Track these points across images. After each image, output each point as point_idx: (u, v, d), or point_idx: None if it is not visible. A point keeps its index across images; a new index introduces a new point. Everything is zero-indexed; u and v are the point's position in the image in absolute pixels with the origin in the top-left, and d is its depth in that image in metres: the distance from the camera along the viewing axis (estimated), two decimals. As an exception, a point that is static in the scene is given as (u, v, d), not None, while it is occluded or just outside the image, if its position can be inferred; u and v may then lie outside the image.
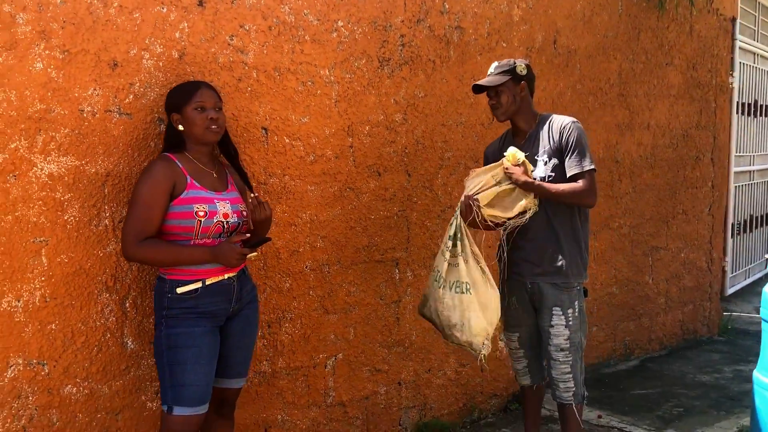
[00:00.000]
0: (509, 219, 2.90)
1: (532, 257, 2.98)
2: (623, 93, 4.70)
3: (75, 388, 2.60)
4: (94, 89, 2.58)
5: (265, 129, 3.04)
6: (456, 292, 2.85)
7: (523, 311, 3.05)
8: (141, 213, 2.43)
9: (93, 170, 2.59)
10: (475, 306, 2.83)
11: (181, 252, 2.46)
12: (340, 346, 3.38)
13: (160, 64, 2.72)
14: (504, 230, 2.94)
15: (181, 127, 2.54)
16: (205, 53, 2.84)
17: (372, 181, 3.42)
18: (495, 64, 3.03)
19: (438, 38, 3.61)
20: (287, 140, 3.11)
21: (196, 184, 2.51)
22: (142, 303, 2.72)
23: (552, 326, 2.93)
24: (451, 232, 2.95)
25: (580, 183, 2.85)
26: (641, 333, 5.10)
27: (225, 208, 2.52)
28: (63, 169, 2.53)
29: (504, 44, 3.92)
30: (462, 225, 2.93)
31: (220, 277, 2.52)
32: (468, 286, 2.85)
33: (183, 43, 2.78)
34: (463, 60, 3.73)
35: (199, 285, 2.48)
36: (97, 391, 2.66)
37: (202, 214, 2.45)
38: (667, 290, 5.27)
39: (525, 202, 2.86)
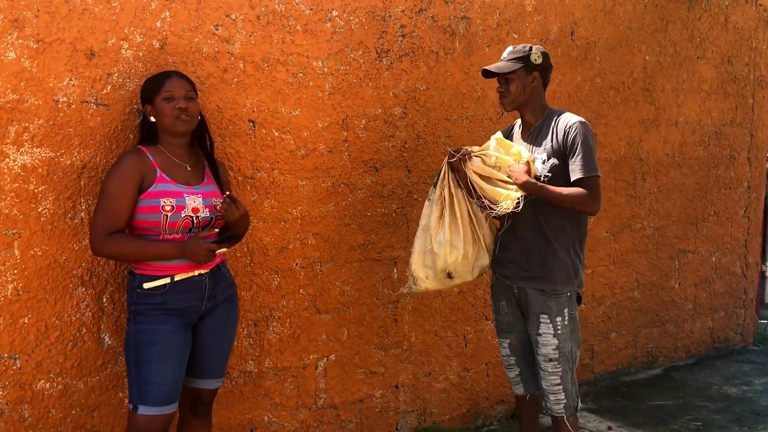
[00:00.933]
0: (488, 203, 2.74)
1: (518, 259, 2.81)
2: (648, 88, 4.46)
3: (48, 384, 2.56)
4: (70, 79, 2.53)
5: (252, 122, 2.95)
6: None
7: (512, 316, 2.89)
8: (108, 206, 2.37)
9: (68, 162, 2.54)
10: (416, 245, 2.91)
11: (148, 247, 2.39)
12: (333, 346, 3.28)
13: (140, 54, 2.65)
14: (482, 210, 2.82)
15: (153, 119, 2.47)
16: (187, 43, 2.76)
17: (368, 176, 3.30)
18: (509, 48, 2.86)
19: (442, 29, 3.47)
20: (276, 133, 3.02)
21: (166, 177, 2.43)
22: (119, 298, 2.67)
23: (540, 334, 2.76)
24: (435, 179, 2.92)
25: (582, 190, 2.67)
26: (666, 340, 4.85)
27: (195, 203, 2.44)
28: (37, 161, 2.49)
29: (515, 35, 3.74)
30: (443, 170, 2.87)
31: (190, 274, 2.44)
32: (422, 225, 2.91)
33: (164, 33, 2.71)
34: (469, 52, 3.57)
35: (167, 281, 2.41)
36: (71, 386, 2.61)
37: (168, 208, 2.38)
38: (695, 296, 5.00)
39: (504, 195, 2.68)
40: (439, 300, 3.62)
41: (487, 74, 2.85)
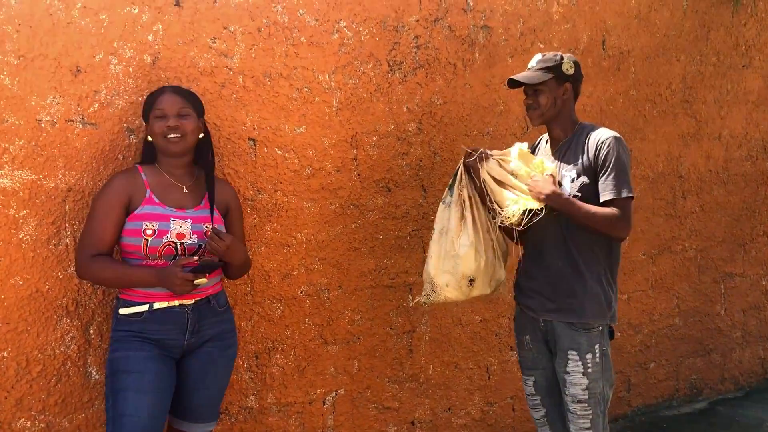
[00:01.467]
0: (496, 208, 2.49)
1: (545, 290, 2.55)
2: (688, 99, 4.15)
3: (29, 422, 2.40)
4: (54, 97, 2.38)
5: (252, 140, 2.77)
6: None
7: (537, 352, 2.62)
8: (93, 227, 2.24)
9: (52, 185, 2.39)
10: (432, 249, 2.63)
11: (127, 272, 2.23)
12: (342, 380, 3.05)
13: (130, 69, 2.50)
14: (492, 217, 2.54)
15: (150, 138, 2.32)
16: (182, 57, 2.60)
17: (380, 197, 3.08)
18: (538, 56, 2.60)
19: (460, 39, 3.24)
20: (279, 152, 2.83)
21: (155, 199, 2.26)
22: (108, 330, 2.49)
23: (568, 373, 2.48)
24: (450, 181, 2.66)
25: (614, 210, 2.41)
26: (711, 371, 4.49)
27: (181, 228, 2.25)
28: (18, 184, 2.34)
29: (541, 45, 3.49)
30: (459, 171, 2.61)
31: (170, 303, 2.25)
32: (439, 228, 2.64)
33: (157, 47, 2.55)
34: (490, 63, 3.34)
35: (144, 308, 2.24)
36: (55, 425, 2.44)
37: (150, 232, 2.21)
38: (744, 323, 4.63)
39: (512, 200, 2.43)
40: (459, 329, 3.37)
41: (514, 84, 2.60)
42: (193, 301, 2.29)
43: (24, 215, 2.35)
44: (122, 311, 2.24)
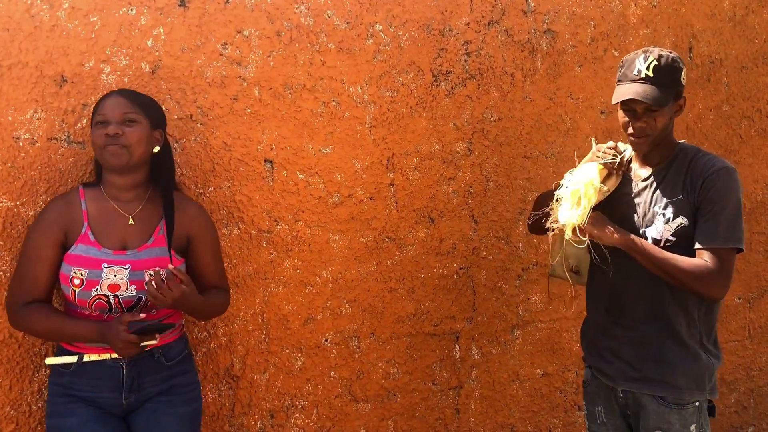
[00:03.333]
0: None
1: (627, 353, 2.03)
2: (793, 116, 3.55)
3: (-2, 491, 2.05)
4: (35, 111, 2.06)
5: (269, 162, 2.38)
6: None
7: (613, 428, 2.10)
8: (24, 270, 1.89)
9: (31, 213, 2.06)
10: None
11: (64, 324, 1.87)
12: (374, 444, 2.60)
13: (125, 80, 2.15)
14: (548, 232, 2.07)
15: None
16: (186, 66, 2.24)
17: (421, 229, 2.63)
18: (648, 59, 1.95)
19: (519, 45, 2.78)
20: (301, 176, 2.42)
21: (90, 237, 1.88)
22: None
23: (653, 459, 1.96)
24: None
25: (706, 262, 1.88)
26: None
27: (116, 277, 1.86)
28: (-10, 212, 2.02)
29: (615, 53, 2.99)
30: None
31: (102, 356, 1.88)
32: None
33: (157, 53, 2.20)
34: (555, 73, 2.86)
35: (73, 360, 1.88)
36: (29, 494, 2.08)
37: (77, 282, 1.84)
38: None
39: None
40: (516, 385, 2.86)
41: (628, 105, 1.99)
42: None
43: (-3, 248, 2.02)
44: (48, 361, 1.90)
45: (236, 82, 2.31)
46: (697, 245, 1.91)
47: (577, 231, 1.96)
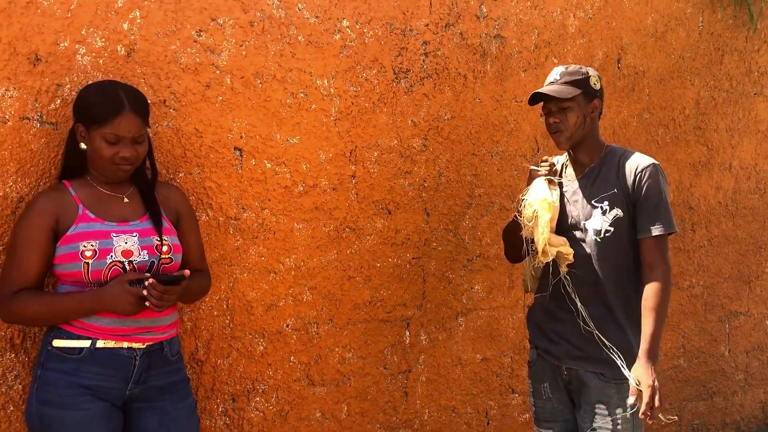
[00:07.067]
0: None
1: (571, 335, 2.25)
2: (701, 126, 3.91)
3: (-43, 478, 1.99)
4: (7, 89, 2.00)
5: (239, 150, 2.41)
6: None
7: (558, 402, 2.32)
8: (13, 260, 1.85)
9: (1, 194, 2.00)
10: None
11: (57, 301, 1.85)
12: (329, 426, 2.68)
13: (100, 62, 2.13)
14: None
15: (83, 146, 1.93)
16: (162, 50, 2.23)
17: (379, 220, 2.74)
18: (560, 69, 2.31)
19: (472, 48, 2.94)
20: (268, 165, 2.47)
21: (90, 214, 1.89)
22: (59, 367, 2.09)
23: (594, 429, 2.19)
24: None
25: (655, 275, 2.14)
26: (713, 415, 4.22)
27: (127, 244, 1.88)
28: (-43, 191, 1.95)
29: (555, 60, 3.20)
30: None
31: (118, 344, 1.87)
32: None
33: (132, 37, 2.18)
34: (502, 76, 3.04)
35: (86, 344, 1.85)
36: (-11, 481, 2.03)
37: (89, 254, 1.83)
38: (747, 364, 4.38)
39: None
40: (458, 369, 3.03)
41: (535, 100, 2.31)
42: (144, 346, 1.92)
43: (-38, 229, 1.96)
44: (56, 343, 1.86)
45: (209, 70, 2.33)
46: (643, 234, 2.17)
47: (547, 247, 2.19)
